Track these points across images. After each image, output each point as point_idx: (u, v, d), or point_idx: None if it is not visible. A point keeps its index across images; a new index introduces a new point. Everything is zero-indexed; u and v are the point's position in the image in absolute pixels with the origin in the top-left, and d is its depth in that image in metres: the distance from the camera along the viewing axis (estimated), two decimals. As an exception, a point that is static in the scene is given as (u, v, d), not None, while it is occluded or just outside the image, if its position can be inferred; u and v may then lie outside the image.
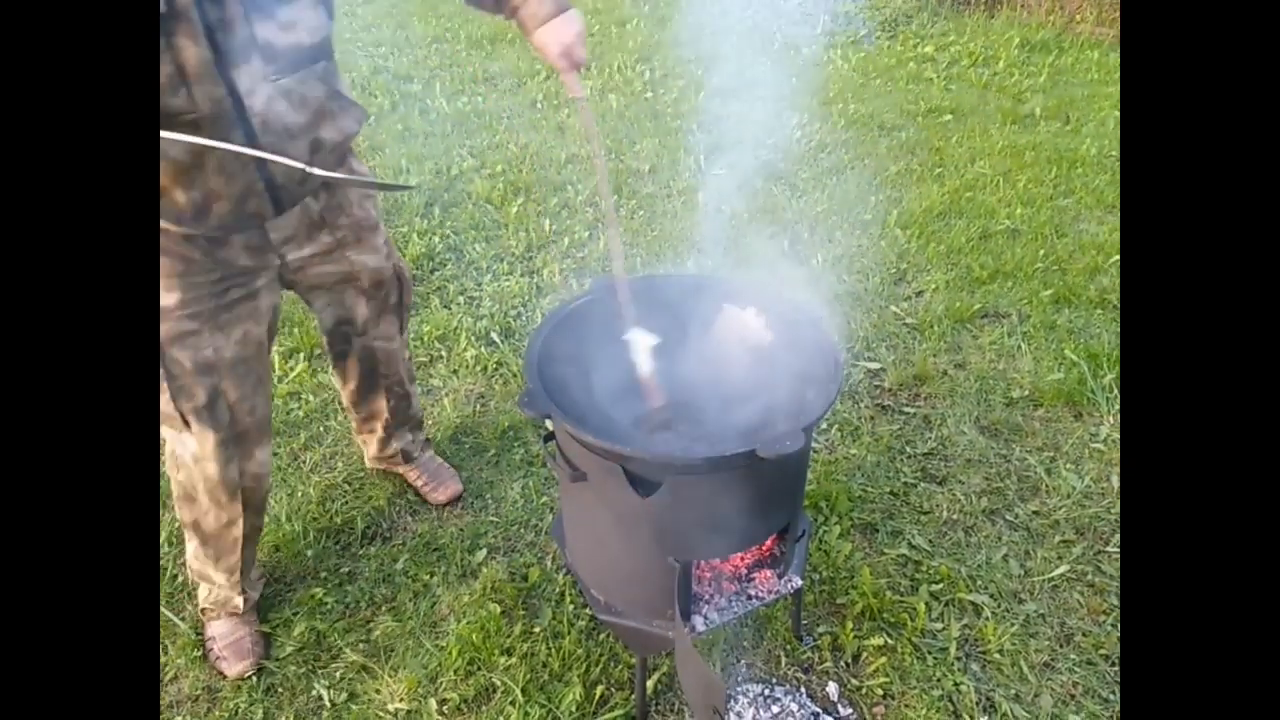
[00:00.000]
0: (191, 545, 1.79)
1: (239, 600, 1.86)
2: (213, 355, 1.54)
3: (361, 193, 1.68)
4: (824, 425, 2.52)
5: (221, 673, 1.83)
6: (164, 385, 1.53)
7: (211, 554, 1.78)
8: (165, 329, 1.49)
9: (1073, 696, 1.77)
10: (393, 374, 2.01)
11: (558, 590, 2.01)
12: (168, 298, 1.47)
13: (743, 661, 1.84)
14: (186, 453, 1.63)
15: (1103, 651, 1.85)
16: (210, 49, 1.28)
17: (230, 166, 1.37)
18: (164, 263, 1.45)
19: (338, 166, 1.59)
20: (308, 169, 1.35)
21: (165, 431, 1.62)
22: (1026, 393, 2.65)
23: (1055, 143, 4.46)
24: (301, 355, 2.84)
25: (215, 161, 1.35)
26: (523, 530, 2.19)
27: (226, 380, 1.58)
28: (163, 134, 1.20)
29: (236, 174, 1.39)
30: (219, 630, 1.87)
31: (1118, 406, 2.56)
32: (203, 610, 1.89)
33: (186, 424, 1.58)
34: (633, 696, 1.75)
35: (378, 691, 1.80)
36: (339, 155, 1.58)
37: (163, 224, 1.40)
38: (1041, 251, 3.42)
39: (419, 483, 2.29)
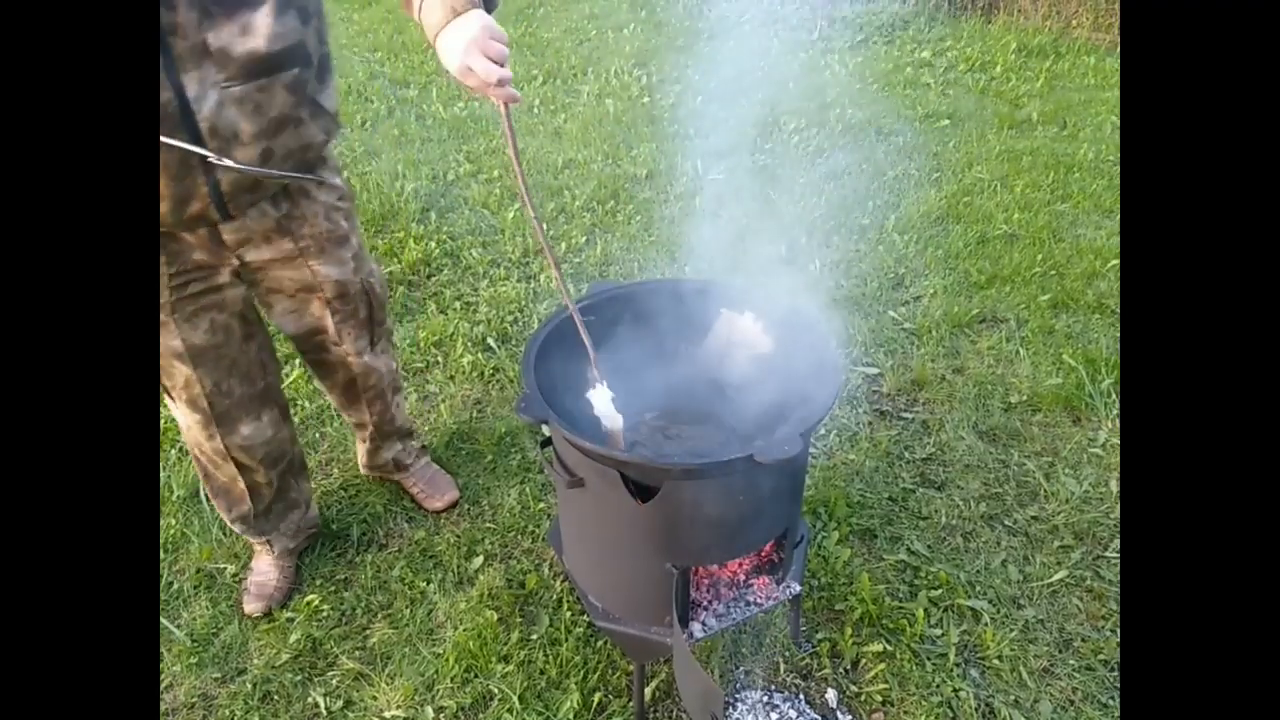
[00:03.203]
0: (206, 490, 1.92)
1: (260, 545, 2.02)
2: (181, 345, 1.61)
3: (330, 204, 1.69)
4: (822, 431, 2.52)
5: (241, 606, 2.00)
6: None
7: (223, 504, 1.92)
8: None
9: (1072, 702, 1.76)
10: (371, 387, 2.01)
11: (555, 597, 2.00)
12: None
13: (741, 668, 1.83)
14: (180, 422, 1.78)
15: (1102, 657, 1.85)
16: (161, 53, 1.29)
17: (174, 170, 1.38)
18: None
19: (301, 172, 1.58)
20: (210, 156, 1.37)
21: (165, 399, 1.76)
22: (1025, 398, 2.64)
23: (1052, 148, 4.47)
24: (297, 361, 2.83)
25: (159, 163, 1.36)
26: (520, 537, 2.19)
27: (199, 369, 1.65)
28: None
29: (180, 177, 1.40)
30: (257, 566, 2.04)
31: (1116, 411, 2.56)
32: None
33: (173, 399, 1.71)
34: (631, 704, 1.74)
35: (374, 699, 1.79)
36: (298, 162, 1.55)
37: None
38: (1039, 256, 3.42)
39: (415, 490, 2.28)
